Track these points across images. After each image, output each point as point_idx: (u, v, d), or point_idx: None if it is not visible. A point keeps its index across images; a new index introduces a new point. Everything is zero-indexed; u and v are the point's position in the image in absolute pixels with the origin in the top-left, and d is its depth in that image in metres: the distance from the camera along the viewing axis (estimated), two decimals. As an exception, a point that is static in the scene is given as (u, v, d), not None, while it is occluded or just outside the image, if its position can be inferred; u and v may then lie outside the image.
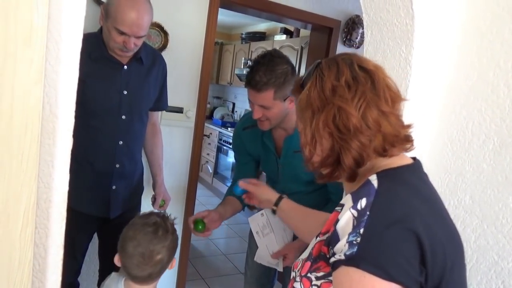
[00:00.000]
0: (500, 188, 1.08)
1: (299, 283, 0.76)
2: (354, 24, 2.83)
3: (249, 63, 5.03)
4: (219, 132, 5.09)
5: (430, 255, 0.65)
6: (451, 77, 1.21)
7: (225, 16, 4.44)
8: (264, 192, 1.25)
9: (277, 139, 1.54)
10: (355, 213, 0.67)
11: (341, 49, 2.87)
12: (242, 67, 5.18)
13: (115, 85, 1.57)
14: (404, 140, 0.76)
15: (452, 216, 1.19)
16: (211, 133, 5.27)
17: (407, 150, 0.78)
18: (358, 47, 2.90)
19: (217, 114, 5.68)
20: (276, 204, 1.21)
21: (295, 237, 1.50)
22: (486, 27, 1.13)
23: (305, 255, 0.84)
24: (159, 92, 1.77)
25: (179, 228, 2.45)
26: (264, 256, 1.53)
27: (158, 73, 1.73)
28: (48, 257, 0.74)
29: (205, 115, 2.42)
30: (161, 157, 1.91)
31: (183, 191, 2.43)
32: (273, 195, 1.23)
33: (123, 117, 1.60)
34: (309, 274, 0.75)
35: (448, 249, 0.70)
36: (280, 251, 1.49)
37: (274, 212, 1.21)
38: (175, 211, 2.39)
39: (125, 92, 1.59)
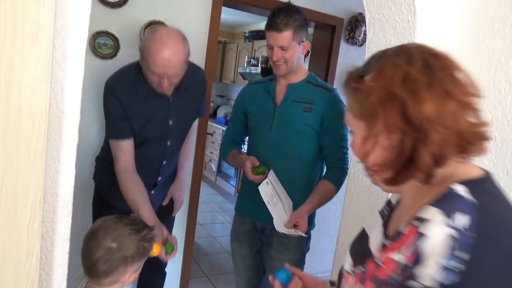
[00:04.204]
0: (501, 183, 1.08)
1: None
2: (357, 22, 2.82)
3: (252, 61, 5.04)
4: (222, 130, 5.10)
5: None
6: (453, 73, 1.22)
7: (228, 14, 4.45)
8: (312, 278, 0.99)
9: (278, 91, 1.68)
10: (455, 233, 0.55)
11: (344, 47, 2.88)
12: (245, 65, 5.19)
13: (162, 117, 1.64)
14: (482, 138, 0.65)
15: (454, 212, 1.20)
16: (214, 132, 5.29)
17: (482, 151, 0.66)
18: (361, 45, 2.90)
19: (220, 113, 5.69)
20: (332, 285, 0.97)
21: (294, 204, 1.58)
22: (487, 24, 1.14)
23: (348, 266, 0.76)
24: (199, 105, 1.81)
25: (182, 226, 2.47)
26: (279, 225, 1.53)
27: (200, 91, 1.77)
28: (55, 250, 0.76)
29: (209, 114, 2.43)
30: (188, 158, 1.97)
31: (187, 190, 2.45)
32: (319, 280, 1.00)
33: (168, 143, 1.70)
34: None
35: None
36: (290, 220, 1.52)
37: None
38: (179, 208, 2.41)
39: (171, 122, 1.66)
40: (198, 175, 2.46)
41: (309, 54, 1.69)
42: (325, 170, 1.70)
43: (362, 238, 0.81)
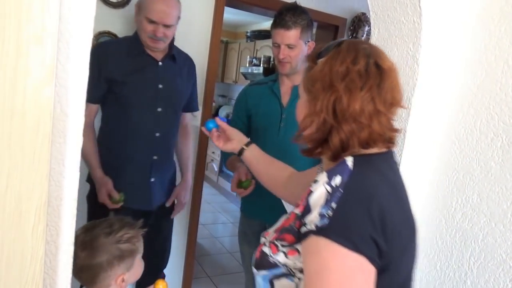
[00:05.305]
0: (508, 186, 1.08)
1: (267, 248, 0.83)
2: (360, 21, 2.81)
3: (254, 61, 5.03)
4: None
5: (390, 235, 0.72)
6: (459, 75, 1.21)
7: (230, 14, 4.44)
8: (236, 132, 1.28)
9: (283, 92, 1.68)
10: (329, 189, 0.73)
11: (346, 47, 2.87)
12: (247, 65, 5.17)
13: (151, 79, 1.71)
14: (386, 141, 0.81)
15: (459, 215, 1.19)
16: (216, 132, 5.28)
17: (388, 148, 0.83)
18: (364, 45, 2.90)
19: (222, 113, 5.69)
20: (247, 145, 1.25)
21: None
22: (494, 25, 1.13)
23: (277, 225, 0.90)
24: (190, 93, 1.90)
25: (184, 226, 2.46)
26: None
27: (189, 74, 1.89)
28: (59, 255, 0.75)
29: (211, 114, 2.42)
30: (189, 157, 2.00)
31: (189, 189, 2.44)
32: (244, 137, 1.28)
33: (159, 109, 1.73)
34: (276, 242, 0.82)
35: (404, 232, 0.78)
36: None
37: (241, 153, 1.25)
38: (181, 209, 2.40)
39: (160, 86, 1.72)
40: (200, 175, 2.46)
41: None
42: None
43: None
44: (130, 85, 1.65)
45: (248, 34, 5.52)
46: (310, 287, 0.71)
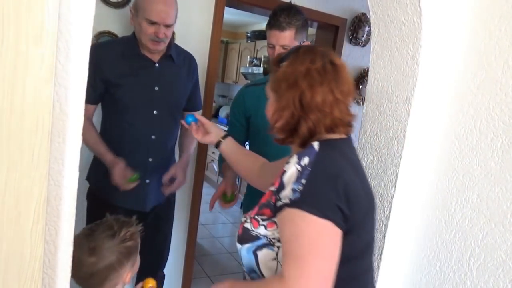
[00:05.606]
0: (508, 186, 1.08)
1: (249, 223, 0.95)
2: (360, 22, 2.81)
3: (255, 61, 5.04)
4: (225, 130, 5.08)
5: (353, 203, 0.86)
6: (459, 75, 1.21)
7: (230, 14, 4.44)
8: (213, 126, 1.37)
9: None
10: (299, 168, 0.86)
11: (347, 47, 2.86)
12: (247, 65, 5.18)
13: (147, 81, 1.68)
14: (347, 124, 0.97)
15: (459, 215, 1.19)
16: (216, 132, 5.27)
17: (348, 132, 0.98)
18: (364, 45, 2.89)
19: (222, 113, 5.69)
20: (224, 137, 1.35)
21: None
22: (494, 25, 1.12)
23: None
24: (191, 92, 1.86)
25: (184, 226, 2.46)
26: None
27: (189, 73, 1.84)
28: (58, 254, 0.75)
29: (211, 114, 2.42)
30: (190, 146, 1.94)
31: (189, 190, 2.44)
32: (221, 131, 1.38)
33: (155, 112, 1.70)
34: (256, 217, 0.94)
35: (364, 201, 0.93)
36: None
37: (218, 145, 1.34)
38: (180, 209, 2.40)
39: (156, 88, 1.69)
40: (200, 175, 2.46)
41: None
42: None
43: None
44: (125, 88, 1.63)
45: (248, 34, 5.52)
46: (288, 250, 0.84)
